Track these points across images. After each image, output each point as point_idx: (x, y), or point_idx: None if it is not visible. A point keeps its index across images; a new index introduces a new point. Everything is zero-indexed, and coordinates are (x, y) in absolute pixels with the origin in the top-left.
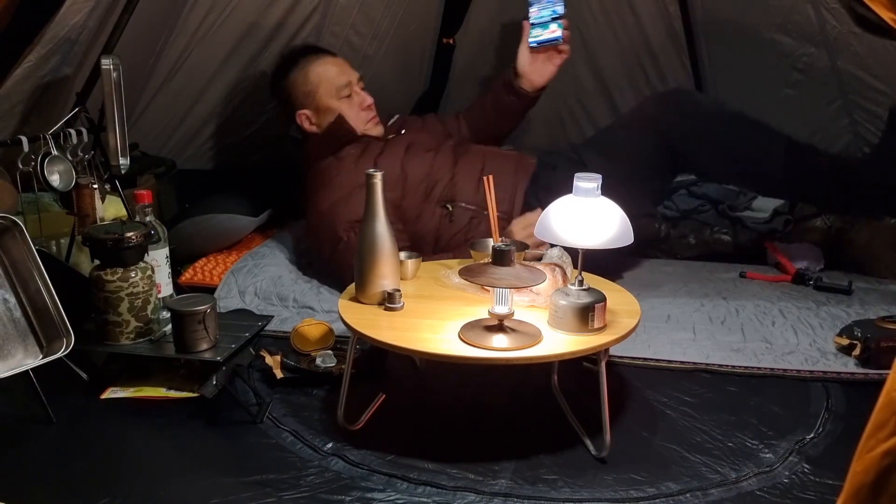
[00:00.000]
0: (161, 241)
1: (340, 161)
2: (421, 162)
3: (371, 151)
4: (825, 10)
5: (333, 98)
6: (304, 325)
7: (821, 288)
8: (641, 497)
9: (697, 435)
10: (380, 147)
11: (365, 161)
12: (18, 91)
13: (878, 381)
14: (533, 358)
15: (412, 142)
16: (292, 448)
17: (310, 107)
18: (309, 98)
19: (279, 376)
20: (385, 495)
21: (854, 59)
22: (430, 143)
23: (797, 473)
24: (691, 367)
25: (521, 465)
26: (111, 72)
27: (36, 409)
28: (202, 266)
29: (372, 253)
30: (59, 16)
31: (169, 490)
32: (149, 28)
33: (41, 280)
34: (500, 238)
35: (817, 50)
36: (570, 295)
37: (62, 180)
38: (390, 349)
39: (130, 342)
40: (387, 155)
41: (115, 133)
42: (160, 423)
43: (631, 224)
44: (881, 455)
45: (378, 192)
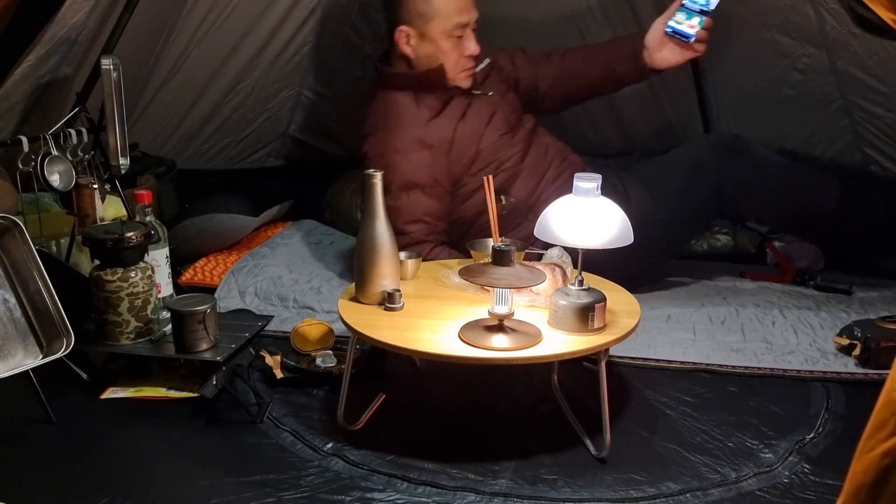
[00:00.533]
0: (161, 241)
1: (418, 107)
2: (495, 144)
3: (452, 113)
4: (825, 11)
5: (444, 35)
6: (304, 325)
7: (821, 288)
8: (641, 497)
9: (697, 435)
10: (462, 108)
11: (442, 122)
12: (18, 91)
13: (878, 381)
14: (533, 358)
15: (495, 113)
16: (292, 448)
17: (416, 29)
18: (420, 21)
19: (279, 376)
20: (385, 495)
21: (854, 59)
22: (510, 119)
23: (797, 473)
24: (691, 367)
25: (521, 465)
26: (111, 72)
27: (36, 409)
28: (202, 266)
29: (372, 253)
30: (58, 15)
31: (169, 490)
32: (149, 28)
33: (41, 280)
34: (500, 238)
35: (817, 50)
36: (570, 295)
37: (62, 180)
38: (390, 349)
39: (130, 342)
40: (468, 121)
41: (115, 133)
42: (160, 423)
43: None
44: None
45: (378, 192)
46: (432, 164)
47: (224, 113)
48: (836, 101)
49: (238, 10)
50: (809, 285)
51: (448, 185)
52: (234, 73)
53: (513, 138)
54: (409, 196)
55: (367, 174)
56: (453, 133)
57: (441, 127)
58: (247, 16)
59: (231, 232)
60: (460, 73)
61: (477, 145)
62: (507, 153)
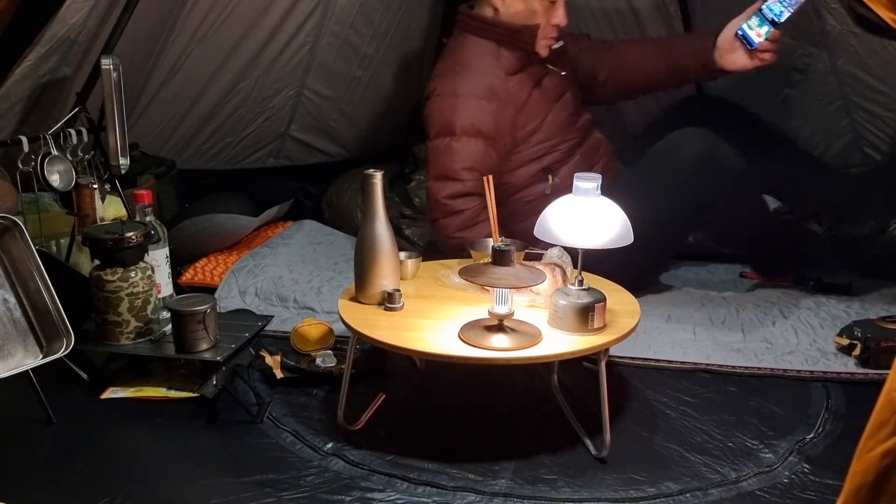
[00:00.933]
0: (161, 241)
1: (498, 59)
2: (560, 122)
3: (528, 77)
4: (825, 10)
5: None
6: (304, 325)
7: (820, 287)
8: (641, 497)
9: (697, 435)
10: (538, 77)
11: (518, 82)
12: (18, 90)
13: (878, 381)
14: (533, 358)
15: (565, 93)
16: (292, 448)
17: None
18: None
19: (279, 376)
20: (385, 495)
21: (854, 59)
22: (576, 104)
23: (797, 473)
24: (691, 367)
25: (521, 465)
26: (111, 72)
27: (36, 409)
28: (203, 266)
29: (372, 253)
30: (58, 15)
31: (169, 490)
32: (149, 28)
33: (41, 280)
34: (500, 238)
35: (817, 50)
36: (570, 295)
37: (62, 180)
38: (390, 349)
39: (130, 342)
40: (541, 91)
41: (115, 133)
42: (160, 423)
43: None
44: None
45: (378, 192)
46: (499, 117)
47: (224, 113)
48: (836, 101)
49: (238, 10)
50: (809, 285)
51: (509, 144)
52: (234, 73)
53: (574, 123)
54: (471, 142)
55: (367, 174)
56: (527, 96)
57: (516, 85)
58: (247, 16)
59: (231, 232)
60: (543, 40)
61: (543, 118)
62: (566, 135)
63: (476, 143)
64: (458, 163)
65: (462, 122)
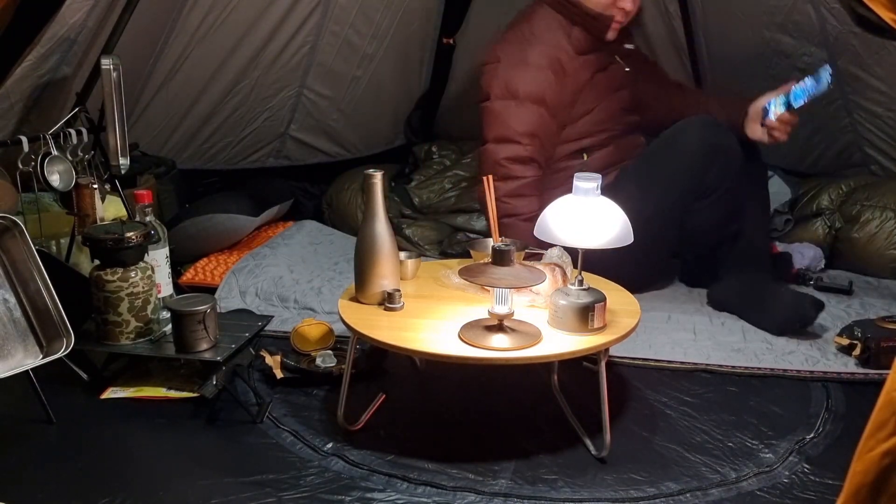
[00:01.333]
0: (161, 241)
1: (568, 37)
2: (611, 113)
3: (594, 61)
4: (825, 10)
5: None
6: (304, 325)
7: (821, 288)
8: (641, 497)
9: (697, 435)
10: (603, 64)
11: (583, 63)
12: (18, 90)
13: (878, 381)
14: (533, 358)
15: (624, 88)
16: (292, 448)
17: None
18: None
19: (279, 376)
20: (385, 495)
21: (854, 59)
22: (632, 101)
23: (797, 473)
24: (691, 367)
25: (521, 465)
26: (111, 72)
27: (36, 409)
28: (203, 266)
29: (372, 253)
30: (58, 15)
31: (169, 490)
32: (149, 28)
33: (41, 280)
34: (500, 238)
35: (817, 50)
36: (570, 295)
37: (62, 180)
38: (390, 349)
39: (130, 342)
40: (604, 78)
41: (115, 133)
42: (160, 423)
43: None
44: (881, 455)
45: (378, 192)
46: (561, 91)
47: (224, 113)
48: (836, 101)
49: (238, 10)
50: (810, 285)
51: (565, 119)
52: (234, 73)
53: (623, 119)
54: (533, 108)
55: (367, 174)
56: (589, 78)
57: (582, 65)
58: (247, 16)
59: (231, 232)
60: (611, 23)
61: (597, 103)
62: (611, 125)
63: (538, 111)
64: (520, 126)
65: (527, 88)
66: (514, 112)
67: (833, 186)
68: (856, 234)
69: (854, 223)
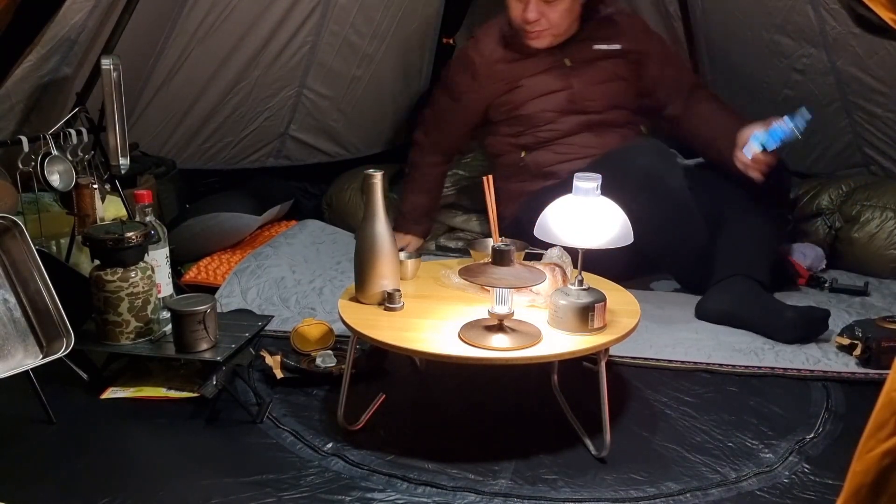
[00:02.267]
0: (161, 241)
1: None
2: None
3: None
4: (825, 11)
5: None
6: (304, 325)
7: (836, 290)
8: (641, 497)
9: (697, 435)
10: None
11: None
12: (18, 91)
13: (878, 381)
14: (533, 358)
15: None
16: (292, 448)
17: None
18: None
19: (279, 376)
20: (385, 495)
21: (854, 59)
22: (583, 104)
23: (797, 473)
24: (692, 367)
25: (521, 465)
26: (111, 72)
27: (36, 409)
28: (206, 265)
29: (372, 253)
30: (58, 15)
31: (169, 490)
32: (149, 28)
33: (41, 280)
34: (500, 238)
35: (817, 50)
36: (570, 295)
37: (62, 180)
38: (390, 349)
39: (130, 342)
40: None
41: (115, 133)
42: (160, 423)
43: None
44: (881, 455)
45: (378, 192)
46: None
47: (224, 113)
48: (836, 101)
49: (238, 10)
50: (825, 288)
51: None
52: (234, 72)
53: (568, 118)
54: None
55: (366, 174)
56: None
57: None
58: (247, 16)
59: (235, 231)
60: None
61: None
62: (550, 126)
63: (447, 101)
64: (429, 112)
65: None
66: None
67: (833, 186)
68: (856, 234)
69: (854, 223)
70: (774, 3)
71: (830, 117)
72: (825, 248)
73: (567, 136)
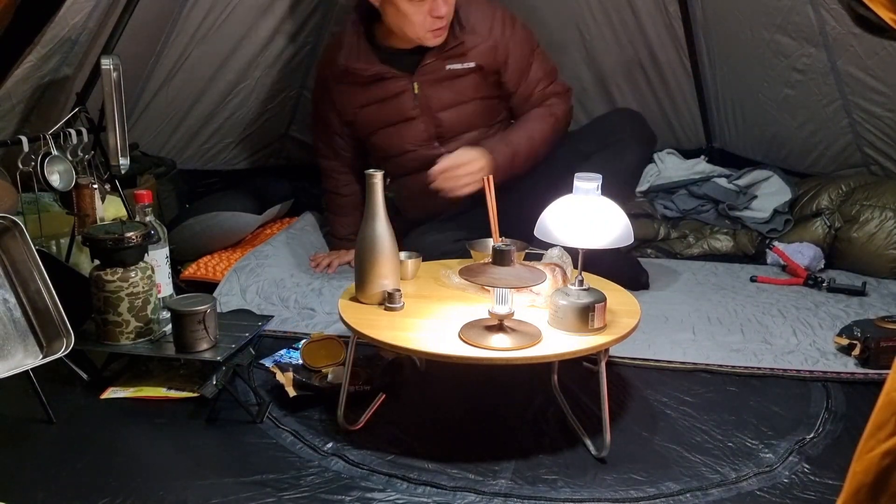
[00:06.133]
0: (161, 241)
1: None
2: (405, 142)
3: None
4: (825, 11)
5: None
6: (313, 342)
7: (834, 290)
8: (641, 497)
9: (697, 435)
10: (392, 88)
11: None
12: (19, 91)
13: (878, 381)
14: (533, 358)
15: (420, 116)
16: (292, 448)
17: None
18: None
19: (291, 394)
20: (385, 495)
21: (854, 59)
22: (430, 131)
23: (797, 473)
24: (691, 367)
25: (521, 465)
26: (111, 72)
27: (36, 409)
28: (206, 262)
29: (372, 253)
30: (59, 16)
31: (169, 490)
32: (149, 28)
33: (41, 280)
34: (500, 238)
35: (817, 50)
36: (570, 295)
37: (62, 180)
38: (390, 349)
39: (130, 342)
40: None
41: (115, 133)
42: (160, 423)
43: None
44: (881, 455)
45: (378, 192)
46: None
47: (224, 113)
48: (836, 101)
49: (238, 11)
50: (823, 287)
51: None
52: (235, 73)
53: (421, 150)
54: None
55: (366, 174)
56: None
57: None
58: (247, 16)
59: (235, 230)
60: (427, 32)
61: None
62: (403, 154)
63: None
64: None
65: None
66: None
67: (833, 186)
68: (855, 233)
69: (853, 223)
70: (774, 3)
71: (830, 117)
72: (824, 248)
73: (425, 166)
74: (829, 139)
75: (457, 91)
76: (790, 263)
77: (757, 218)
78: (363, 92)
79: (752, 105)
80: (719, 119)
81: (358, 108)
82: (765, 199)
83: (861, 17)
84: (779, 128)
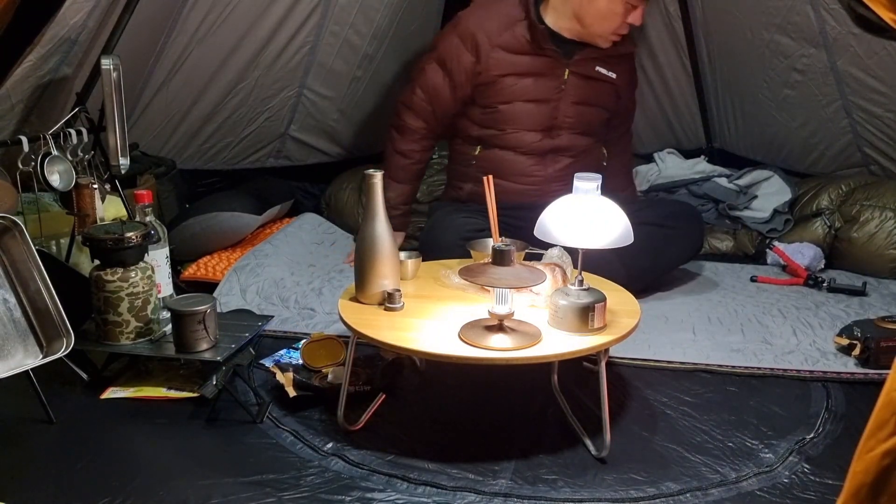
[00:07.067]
0: (161, 241)
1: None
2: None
3: (524, 63)
4: (825, 11)
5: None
6: (313, 342)
7: (834, 290)
8: (641, 497)
9: (697, 435)
10: (541, 70)
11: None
12: (18, 91)
13: (878, 381)
14: (533, 358)
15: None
16: (292, 448)
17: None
18: None
19: (291, 394)
20: (385, 495)
21: (854, 59)
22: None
23: (797, 473)
24: (691, 367)
25: (521, 465)
26: (111, 72)
27: (36, 409)
28: (206, 262)
29: (372, 253)
30: (58, 15)
31: (169, 490)
32: (149, 28)
33: (41, 280)
34: (500, 238)
35: (817, 50)
36: (570, 295)
37: (62, 180)
38: (390, 349)
39: (130, 342)
40: (532, 84)
41: (115, 133)
42: (160, 423)
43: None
44: (881, 455)
45: (378, 192)
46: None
47: (224, 113)
48: (835, 102)
49: (238, 10)
50: (823, 287)
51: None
52: (234, 73)
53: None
54: (436, 67)
55: (366, 174)
56: (505, 75)
57: (501, 58)
58: (247, 16)
59: (235, 230)
60: (610, 35)
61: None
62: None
63: (439, 72)
64: (421, 78)
65: (440, 48)
66: (425, 65)
67: (833, 186)
68: (855, 233)
69: (853, 223)
70: (774, 3)
71: (830, 117)
72: (824, 248)
73: (526, 151)
74: (829, 139)
75: (595, 93)
76: (790, 263)
77: (757, 218)
78: (520, 62)
79: (752, 105)
80: (719, 119)
81: (505, 74)
82: (765, 199)
83: (861, 17)
84: (779, 128)
